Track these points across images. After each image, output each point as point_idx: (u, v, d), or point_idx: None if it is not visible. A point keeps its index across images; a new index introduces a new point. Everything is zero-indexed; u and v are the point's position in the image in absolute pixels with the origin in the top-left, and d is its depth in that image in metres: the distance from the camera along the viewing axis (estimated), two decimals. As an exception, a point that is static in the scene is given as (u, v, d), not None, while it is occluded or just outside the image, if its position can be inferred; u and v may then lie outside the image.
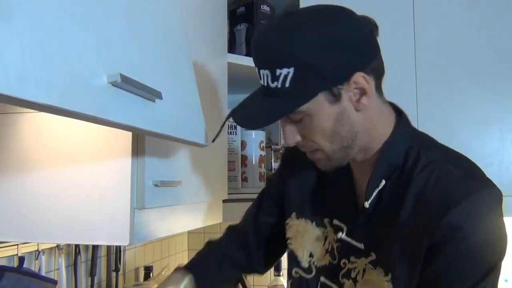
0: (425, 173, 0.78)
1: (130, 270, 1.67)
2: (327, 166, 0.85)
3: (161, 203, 1.01)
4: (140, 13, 0.77)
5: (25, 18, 0.46)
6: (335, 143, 0.81)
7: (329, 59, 0.74)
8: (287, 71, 0.74)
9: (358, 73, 0.76)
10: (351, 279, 0.85)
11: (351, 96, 0.78)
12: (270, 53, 0.76)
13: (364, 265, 0.83)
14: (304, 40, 0.73)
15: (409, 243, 0.77)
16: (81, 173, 0.94)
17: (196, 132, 0.94)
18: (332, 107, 0.77)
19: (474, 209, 0.74)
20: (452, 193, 0.75)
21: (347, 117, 0.79)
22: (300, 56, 0.73)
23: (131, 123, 0.65)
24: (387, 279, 0.79)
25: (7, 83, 0.43)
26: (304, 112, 0.77)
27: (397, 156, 0.83)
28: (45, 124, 0.97)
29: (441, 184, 0.76)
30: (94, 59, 0.58)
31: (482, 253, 0.75)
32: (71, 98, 0.51)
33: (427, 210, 0.76)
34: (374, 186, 0.83)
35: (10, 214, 0.97)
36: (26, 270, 1.09)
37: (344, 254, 0.87)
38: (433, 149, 0.84)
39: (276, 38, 0.75)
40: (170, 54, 0.89)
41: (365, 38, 0.78)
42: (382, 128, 0.84)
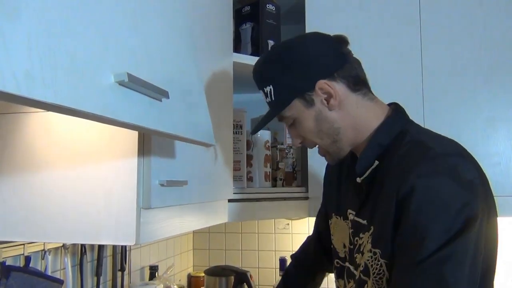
0: (405, 147, 0.90)
1: (135, 270, 1.67)
2: (330, 159, 1.03)
3: (167, 203, 1.01)
4: (147, 12, 0.77)
5: (32, 17, 0.46)
6: (324, 139, 0.99)
7: (293, 75, 0.97)
8: (269, 88, 0.99)
9: (321, 81, 0.95)
10: (360, 252, 0.95)
11: (322, 99, 0.96)
12: (257, 79, 1.04)
13: (367, 238, 0.92)
14: (273, 64, 1.00)
15: (384, 206, 0.87)
16: (87, 173, 0.94)
17: (202, 132, 0.94)
18: (309, 110, 0.97)
19: (430, 170, 0.82)
20: (416, 157, 0.85)
21: (324, 116, 0.97)
22: (272, 77, 0.99)
23: (138, 122, 0.65)
24: (369, 241, 0.91)
25: (14, 83, 0.43)
26: (290, 117, 0.99)
27: (387, 138, 0.94)
28: (52, 124, 0.97)
29: (411, 152, 0.88)
30: (101, 58, 0.58)
31: (442, 214, 0.78)
32: (78, 98, 0.51)
33: (398, 175, 0.86)
34: (363, 163, 0.95)
35: (17, 213, 0.97)
36: (32, 270, 1.09)
37: (355, 233, 0.99)
38: (420, 131, 0.96)
39: (259, 66, 1.03)
40: (177, 53, 0.89)
41: (323, 54, 0.97)
42: (366, 120, 0.97)
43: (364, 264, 0.90)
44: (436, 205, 0.79)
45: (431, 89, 1.56)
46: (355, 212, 1.00)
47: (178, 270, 2.02)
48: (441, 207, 0.79)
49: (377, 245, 0.88)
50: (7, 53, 0.43)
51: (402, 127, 0.95)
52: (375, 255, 0.87)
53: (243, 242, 2.13)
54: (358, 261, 0.95)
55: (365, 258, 0.90)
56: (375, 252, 0.87)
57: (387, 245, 0.85)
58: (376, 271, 0.87)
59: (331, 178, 1.18)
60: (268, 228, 2.10)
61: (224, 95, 1.43)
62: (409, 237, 0.81)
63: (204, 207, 1.25)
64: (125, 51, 0.65)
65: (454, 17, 1.57)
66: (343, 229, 1.07)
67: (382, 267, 0.86)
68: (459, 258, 0.77)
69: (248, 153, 1.64)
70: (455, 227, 0.77)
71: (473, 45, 1.55)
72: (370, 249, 0.89)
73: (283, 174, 1.79)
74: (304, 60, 0.97)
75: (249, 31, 1.67)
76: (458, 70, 1.55)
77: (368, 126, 0.97)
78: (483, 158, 1.55)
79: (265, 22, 1.66)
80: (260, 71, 1.02)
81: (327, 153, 1.02)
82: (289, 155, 1.81)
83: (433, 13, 1.59)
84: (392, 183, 0.86)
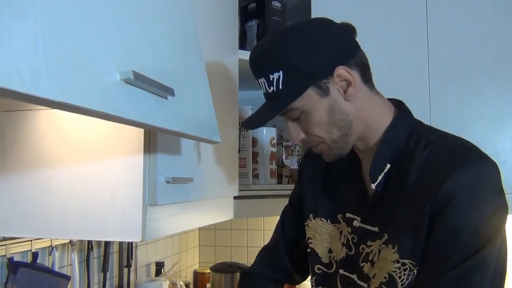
0: (425, 151, 0.86)
1: (141, 266, 1.68)
2: (331, 156, 0.93)
3: (173, 200, 1.01)
4: (152, 9, 0.77)
5: (39, 15, 0.47)
6: (334, 133, 0.89)
7: (310, 58, 0.86)
8: (278, 74, 0.86)
9: (340, 66, 0.86)
10: (369, 261, 0.90)
11: (339, 88, 0.87)
12: (262, 63, 0.90)
13: (379, 246, 0.88)
14: (287, 46, 0.87)
15: (413, 214, 0.83)
16: (94, 170, 0.94)
17: (208, 129, 0.94)
18: (323, 100, 0.87)
19: (469, 178, 0.80)
20: (449, 164, 0.81)
21: (338, 107, 0.88)
22: (285, 60, 0.86)
23: (143, 120, 0.65)
24: (394, 251, 0.85)
25: (20, 80, 0.43)
26: (300, 109, 0.88)
27: (399, 140, 0.90)
28: (60, 121, 0.98)
29: (439, 158, 0.83)
30: (107, 56, 0.58)
31: (477, 221, 0.78)
32: (84, 95, 0.52)
33: (428, 183, 0.82)
34: (377, 168, 0.90)
35: (24, 210, 0.98)
36: (39, 266, 1.10)
37: (362, 241, 0.93)
38: (432, 133, 0.91)
39: (265, 50, 0.89)
40: (182, 51, 0.89)
41: (341, 38, 0.89)
42: (377, 116, 0.92)
43: (389, 275, 0.85)
44: (472, 214, 0.79)
45: (437, 87, 1.55)
46: (359, 218, 0.94)
47: (184, 267, 2.03)
48: (475, 216, 0.79)
49: (407, 255, 0.83)
50: (13, 51, 0.43)
51: (411, 128, 0.91)
52: (405, 265, 0.83)
53: (248, 239, 2.13)
54: (367, 270, 0.90)
55: (389, 269, 0.85)
56: (405, 263, 0.83)
57: (419, 254, 0.82)
58: (407, 282, 0.83)
59: (313, 177, 1.09)
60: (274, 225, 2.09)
61: (230, 92, 1.43)
62: (442, 244, 0.80)
63: (209, 204, 1.25)
64: (130, 48, 0.66)
65: (461, 14, 1.56)
66: (329, 233, 1.01)
67: (414, 275, 0.82)
68: (486, 265, 0.78)
69: (253, 150, 1.64)
70: (485, 236, 0.78)
71: (480, 42, 1.54)
72: (397, 260, 0.84)
73: (289, 171, 1.79)
74: (322, 43, 0.87)
75: (254, 28, 1.67)
76: (464, 68, 1.54)
77: (379, 122, 0.91)
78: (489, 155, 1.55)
79: (271, 19, 1.66)
80: (268, 55, 0.88)
81: (330, 149, 0.92)
82: (294, 152, 1.81)
83: (440, 10, 1.58)
84: (421, 192, 0.82)
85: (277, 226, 1.21)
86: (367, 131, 0.91)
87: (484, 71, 1.53)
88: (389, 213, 0.87)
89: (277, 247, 1.17)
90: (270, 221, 2.10)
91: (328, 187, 1.04)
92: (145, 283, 1.56)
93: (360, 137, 0.92)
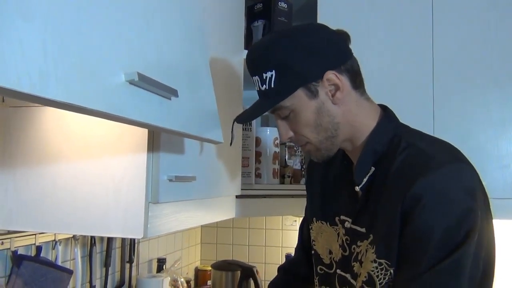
0: (403, 154, 0.88)
1: (143, 262, 1.69)
2: (318, 156, 0.97)
3: (175, 198, 1.02)
4: (158, 11, 0.78)
5: (46, 18, 0.48)
6: (320, 134, 0.93)
7: (302, 61, 0.90)
8: (271, 74, 0.91)
9: (330, 71, 0.90)
10: (358, 261, 0.92)
11: (327, 91, 0.91)
12: (257, 62, 0.94)
13: (366, 246, 0.90)
14: (281, 48, 0.91)
15: (388, 214, 0.85)
16: (98, 167, 0.96)
17: (211, 130, 0.95)
18: (311, 102, 0.91)
19: (438, 179, 0.81)
20: (420, 166, 0.83)
21: (326, 110, 0.92)
22: (279, 60, 0.90)
23: (147, 121, 0.66)
24: (372, 251, 0.87)
25: (29, 82, 0.44)
26: (289, 107, 0.92)
27: (382, 143, 0.93)
28: (65, 118, 0.99)
29: (413, 160, 0.86)
30: (113, 58, 0.60)
31: (447, 223, 0.79)
32: (90, 97, 0.53)
33: (401, 184, 0.84)
34: (361, 171, 0.93)
35: (29, 205, 1.00)
36: (43, 259, 1.12)
37: (353, 241, 0.95)
38: (413, 135, 0.94)
39: (261, 49, 0.94)
40: (187, 52, 0.90)
41: (334, 44, 0.93)
42: (364, 119, 0.95)
43: (368, 274, 0.88)
44: (441, 216, 0.79)
45: (441, 90, 1.56)
46: (351, 219, 0.97)
47: (186, 264, 2.05)
48: (445, 218, 0.79)
49: (383, 255, 0.85)
50: (23, 53, 0.44)
51: (395, 131, 0.93)
52: (381, 265, 0.85)
53: (250, 237, 2.15)
54: (357, 270, 0.92)
55: (368, 268, 0.87)
56: (381, 262, 0.85)
57: (395, 255, 0.84)
58: (384, 281, 0.85)
59: (313, 179, 1.14)
60: (276, 224, 2.11)
61: (234, 92, 1.44)
62: (413, 247, 0.81)
63: (212, 203, 1.26)
64: (135, 50, 0.67)
65: (466, 19, 1.56)
66: (329, 235, 1.04)
67: (391, 276, 0.84)
68: (460, 268, 0.78)
69: (256, 150, 1.66)
70: (457, 237, 0.78)
71: (485, 47, 1.54)
72: (375, 260, 0.86)
73: (291, 171, 1.80)
74: (315, 46, 0.91)
75: (260, 28, 1.68)
76: (468, 72, 1.55)
77: (365, 125, 0.95)
78: (493, 160, 1.56)
79: (277, 19, 1.66)
80: (263, 54, 0.93)
81: (317, 150, 0.96)
82: (297, 152, 1.82)
83: (446, 14, 1.58)
84: (395, 192, 0.84)
85: (299, 227, 1.29)
86: (354, 133, 0.95)
87: (488, 76, 1.53)
88: (374, 214, 0.90)
89: (298, 249, 1.26)
90: (272, 220, 2.12)
91: (328, 190, 1.07)
92: (147, 279, 1.57)
93: (347, 139, 0.96)
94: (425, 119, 1.54)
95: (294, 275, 1.26)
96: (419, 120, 1.04)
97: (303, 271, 1.22)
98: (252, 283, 1.89)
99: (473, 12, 1.56)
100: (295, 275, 1.26)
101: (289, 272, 1.28)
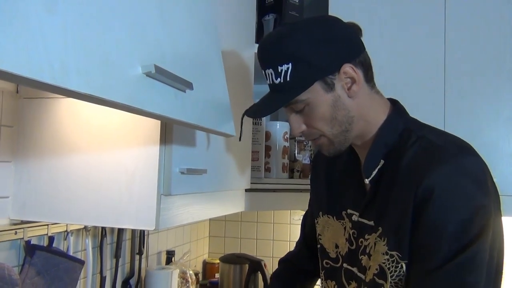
0: (414, 147, 0.88)
1: (153, 254, 1.71)
2: (331, 150, 0.96)
3: (186, 190, 1.03)
4: (173, 5, 0.79)
5: (68, 11, 0.48)
6: (335, 128, 0.92)
7: (320, 53, 0.88)
8: (287, 66, 0.88)
9: (346, 64, 0.89)
10: (366, 254, 0.93)
11: (343, 84, 0.90)
12: (272, 54, 0.91)
13: (374, 239, 0.90)
14: (298, 40, 0.88)
15: (399, 208, 0.86)
16: (111, 159, 0.97)
17: (224, 123, 0.95)
18: (327, 95, 0.90)
19: (450, 172, 0.81)
20: (432, 159, 0.84)
21: (341, 103, 0.91)
22: (296, 53, 0.88)
23: (164, 113, 0.67)
24: (383, 243, 0.88)
25: (51, 73, 0.45)
26: (305, 101, 0.90)
27: (392, 137, 0.93)
28: (79, 109, 1.00)
29: (424, 153, 0.86)
30: (131, 50, 0.60)
31: (460, 215, 0.79)
32: (109, 88, 0.53)
33: (413, 177, 0.84)
34: (371, 164, 0.93)
35: (42, 195, 1.01)
36: (55, 250, 1.13)
37: (360, 235, 0.96)
38: (423, 128, 0.94)
39: (276, 41, 0.91)
40: (201, 45, 0.90)
41: (349, 37, 0.92)
42: (375, 113, 0.95)
43: (379, 267, 0.88)
44: (454, 209, 0.80)
45: (452, 87, 1.55)
46: (358, 213, 0.97)
47: (194, 256, 2.06)
48: (459, 211, 0.79)
49: (395, 247, 0.85)
50: (45, 45, 0.45)
51: (405, 125, 0.93)
52: (392, 257, 0.85)
53: (258, 231, 2.15)
54: (365, 263, 0.92)
55: (379, 261, 0.88)
56: (392, 254, 0.86)
57: (406, 247, 0.84)
58: (395, 274, 0.85)
59: (318, 174, 1.14)
60: (284, 218, 2.12)
61: (245, 86, 1.44)
62: (426, 240, 0.81)
63: (221, 196, 1.27)
64: (152, 43, 0.67)
65: (479, 14, 1.55)
66: (336, 229, 1.04)
67: (402, 269, 0.84)
68: (477, 262, 0.78)
69: (266, 144, 1.66)
70: (472, 231, 0.78)
71: (498, 41, 1.53)
72: (386, 252, 0.86)
73: (301, 166, 1.81)
74: (332, 39, 0.89)
75: (271, 22, 1.68)
76: (480, 67, 1.54)
77: (376, 119, 0.94)
78: (504, 156, 1.55)
79: (288, 13, 1.66)
80: (278, 46, 0.90)
81: (331, 144, 0.94)
82: (307, 147, 1.82)
83: (458, 9, 1.57)
84: (407, 185, 0.85)
85: (301, 222, 1.28)
86: (365, 127, 0.94)
87: (500, 72, 1.52)
88: (383, 207, 0.90)
89: (300, 244, 1.26)
90: (281, 214, 2.12)
91: (334, 184, 1.08)
92: (156, 270, 1.59)
93: (359, 134, 0.95)
94: (435, 114, 1.54)
95: (296, 267, 1.27)
96: (430, 115, 1.04)
97: (304, 265, 1.23)
98: (260, 277, 1.90)
99: (486, 6, 1.55)
100: (297, 268, 1.26)
101: (290, 264, 1.28)
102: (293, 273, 1.26)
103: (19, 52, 0.42)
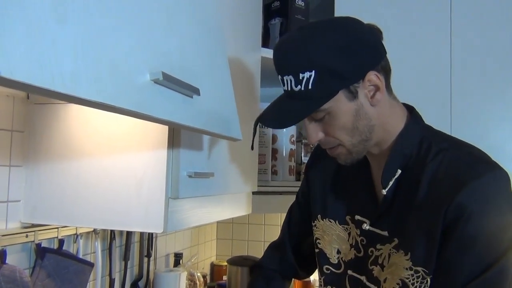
0: (436, 160, 0.86)
1: (161, 256, 1.72)
2: (348, 159, 0.93)
3: (194, 194, 1.04)
4: (180, 12, 0.80)
5: (78, 21, 0.50)
6: (355, 137, 0.89)
7: (345, 61, 0.83)
8: (309, 74, 0.83)
9: (371, 71, 0.86)
10: (378, 265, 0.91)
11: (366, 92, 0.87)
12: (292, 60, 0.85)
13: (389, 250, 0.89)
14: (322, 46, 0.83)
15: (426, 224, 0.84)
16: (120, 163, 0.98)
17: (231, 127, 0.97)
18: (350, 104, 0.86)
19: (481, 189, 0.81)
20: (461, 176, 0.82)
21: (364, 112, 0.87)
22: (320, 60, 0.83)
23: (171, 118, 0.68)
24: (406, 258, 0.86)
25: (61, 82, 0.46)
26: (326, 110, 0.86)
27: (411, 146, 0.90)
28: (88, 115, 1.02)
29: (451, 169, 0.84)
30: (139, 58, 0.61)
31: (491, 232, 0.79)
32: (118, 96, 0.55)
33: (440, 193, 0.83)
34: (389, 174, 0.90)
35: (53, 199, 1.03)
36: (65, 252, 1.15)
37: (371, 243, 0.94)
38: (443, 139, 0.92)
39: (297, 47, 0.85)
40: (207, 51, 0.92)
41: (372, 42, 0.87)
42: (394, 121, 0.92)
43: (402, 282, 0.86)
44: (485, 227, 0.80)
45: (459, 87, 1.55)
46: (369, 221, 0.94)
47: (202, 259, 2.07)
48: (488, 228, 0.80)
49: (420, 263, 0.84)
50: (56, 54, 0.46)
51: (422, 133, 0.91)
52: (418, 273, 0.84)
53: (266, 233, 2.16)
54: (377, 274, 0.91)
55: (401, 275, 0.86)
56: (418, 270, 0.84)
57: (433, 263, 0.83)
58: None
59: (322, 177, 1.08)
60: (291, 220, 2.12)
61: (251, 90, 1.45)
62: (456, 257, 0.81)
63: (229, 199, 1.28)
64: (160, 50, 0.69)
65: (486, 15, 1.55)
66: (338, 234, 1.01)
67: (427, 284, 0.83)
68: (503, 278, 0.79)
69: (273, 147, 1.67)
70: (500, 247, 0.79)
71: (505, 43, 1.53)
72: (410, 267, 0.85)
73: (307, 168, 1.81)
74: (355, 45, 0.84)
75: (277, 26, 1.69)
76: (487, 68, 1.54)
77: (395, 127, 0.92)
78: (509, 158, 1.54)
79: (294, 17, 1.67)
80: (299, 52, 0.84)
81: (349, 153, 0.90)
82: (313, 150, 1.82)
83: (465, 10, 1.57)
84: (434, 201, 0.83)
85: (284, 223, 1.21)
86: (384, 136, 0.91)
87: (507, 73, 1.52)
88: (400, 219, 0.88)
89: (283, 244, 1.18)
90: (287, 216, 2.12)
91: (337, 188, 1.04)
92: (164, 273, 1.60)
93: (377, 142, 0.92)
94: (442, 116, 1.54)
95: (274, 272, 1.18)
96: (436, 117, 1.04)
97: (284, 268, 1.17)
98: (267, 279, 1.90)
99: (493, 7, 1.55)
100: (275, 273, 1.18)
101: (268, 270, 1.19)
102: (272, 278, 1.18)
103: (31, 62, 0.43)
